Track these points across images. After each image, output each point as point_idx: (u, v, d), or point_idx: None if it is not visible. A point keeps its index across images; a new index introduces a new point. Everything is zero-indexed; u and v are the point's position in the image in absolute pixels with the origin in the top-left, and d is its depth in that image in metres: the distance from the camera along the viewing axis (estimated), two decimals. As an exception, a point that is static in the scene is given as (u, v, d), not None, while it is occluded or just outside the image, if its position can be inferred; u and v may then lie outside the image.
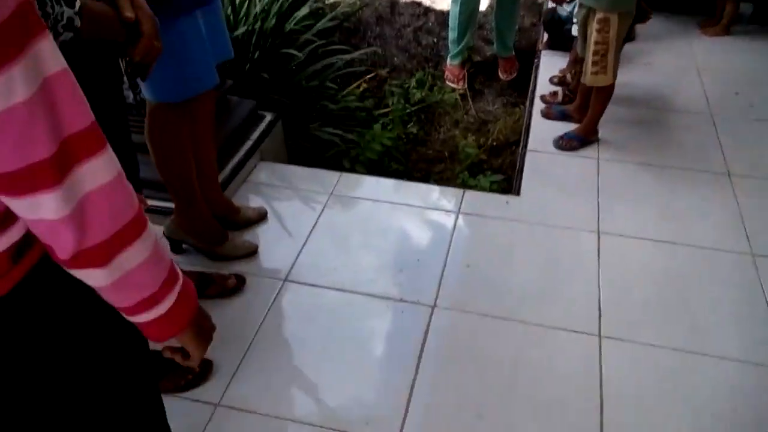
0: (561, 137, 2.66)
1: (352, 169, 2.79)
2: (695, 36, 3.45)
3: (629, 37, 3.34)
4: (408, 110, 3.34)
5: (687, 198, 2.34)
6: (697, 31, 3.49)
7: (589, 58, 2.44)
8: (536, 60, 3.33)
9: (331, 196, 2.38)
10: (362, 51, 3.61)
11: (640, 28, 3.22)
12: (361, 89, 3.46)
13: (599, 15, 2.36)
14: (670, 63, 3.20)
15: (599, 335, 1.83)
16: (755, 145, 2.59)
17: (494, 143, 3.15)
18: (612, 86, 2.51)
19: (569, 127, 2.70)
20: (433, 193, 2.48)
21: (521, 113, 3.26)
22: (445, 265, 2.07)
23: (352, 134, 3.00)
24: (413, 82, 3.52)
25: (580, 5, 2.47)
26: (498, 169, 2.93)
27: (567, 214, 2.29)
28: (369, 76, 3.58)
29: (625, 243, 2.15)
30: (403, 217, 2.30)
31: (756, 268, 2.03)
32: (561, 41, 3.25)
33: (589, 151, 2.62)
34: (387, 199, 2.39)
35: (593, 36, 2.40)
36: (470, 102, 3.44)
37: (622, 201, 2.34)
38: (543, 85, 3.08)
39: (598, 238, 2.18)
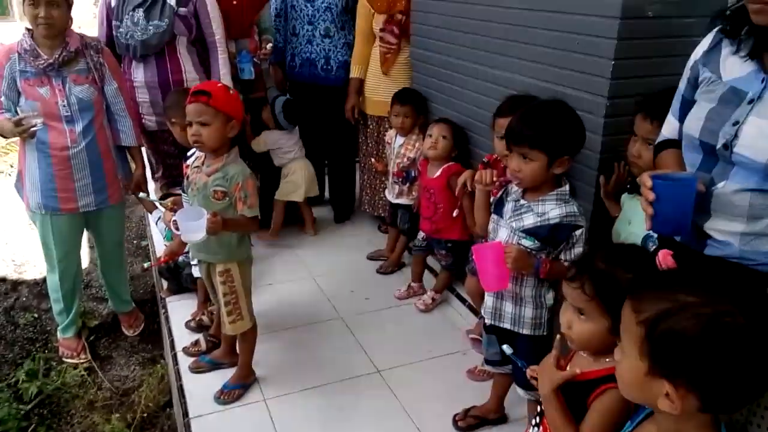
0: (221, 391, 2.50)
1: None
2: (300, 243, 3.83)
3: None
4: (23, 411, 2.72)
5: (356, 408, 2.44)
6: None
7: (223, 309, 2.42)
8: (163, 310, 3.16)
9: None
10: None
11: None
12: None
13: (220, 267, 2.39)
14: (289, 276, 3.44)
15: None
16: (387, 336, 2.90)
17: (145, 414, 2.78)
18: (254, 326, 2.52)
19: (225, 374, 2.57)
20: None
21: (164, 369, 2.99)
22: None
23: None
24: (22, 375, 2.91)
25: (200, 261, 2.47)
26: (161, 447, 2.57)
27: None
28: (-45, 385, 2.83)
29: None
30: None
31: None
32: (182, 285, 3.18)
33: (254, 395, 2.52)
34: None
35: (220, 288, 2.39)
36: (100, 374, 3.01)
37: (304, 439, 2.28)
38: (181, 336, 2.91)
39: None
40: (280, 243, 3.76)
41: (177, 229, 2.04)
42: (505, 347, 1.56)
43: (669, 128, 1.60)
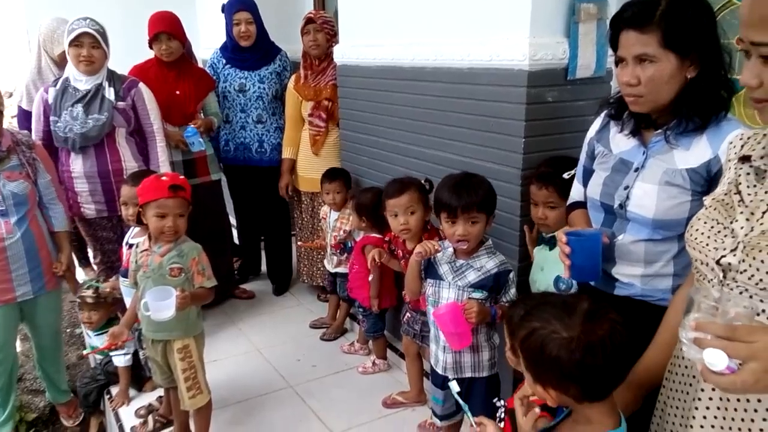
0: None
1: None
2: (241, 316, 3.90)
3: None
4: None
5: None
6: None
7: (182, 385, 2.48)
8: (108, 395, 3.12)
9: None
10: None
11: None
12: None
13: (178, 344, 2.47)
14: (234, 351, 3.50)
15: None
16: (338, 400, 3.00)
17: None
18: (210, 401, 2.59)
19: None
20: None
21: (111, 457, 2.95)
22: None
23: None
24: (-44, 479, 2.77)
25: (153, 341, 2.53)
26: None
27: None
28: None
29: None
30: None
31: None
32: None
33: (212, 471, 2.56)
34: None
35: (179, 365, 2.46)
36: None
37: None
38: (129, 418, 2.90)
39: None
40: (221, 318, 3.83)
41: (146, 309, 2.13)
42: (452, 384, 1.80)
43: (576, 192, 1.95)
